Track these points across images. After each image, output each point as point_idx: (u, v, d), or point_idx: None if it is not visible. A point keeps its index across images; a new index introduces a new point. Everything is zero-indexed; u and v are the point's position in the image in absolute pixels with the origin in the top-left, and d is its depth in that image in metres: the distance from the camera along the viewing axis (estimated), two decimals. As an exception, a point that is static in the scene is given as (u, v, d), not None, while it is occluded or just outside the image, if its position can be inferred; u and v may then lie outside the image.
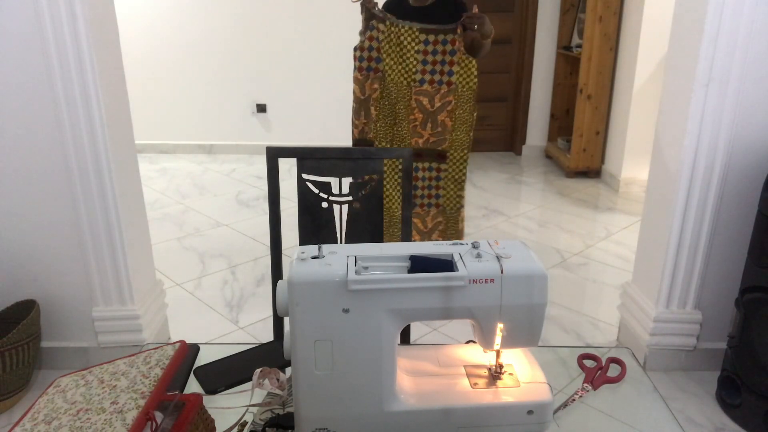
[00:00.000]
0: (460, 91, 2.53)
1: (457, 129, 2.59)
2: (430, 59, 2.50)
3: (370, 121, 2.57)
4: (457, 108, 2.55)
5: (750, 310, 1.86)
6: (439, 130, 2.57)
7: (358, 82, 2.55)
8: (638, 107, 3.99)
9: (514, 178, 4.59)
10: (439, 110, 2.55)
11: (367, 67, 2.52)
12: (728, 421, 1.94)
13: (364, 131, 2.60)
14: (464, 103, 2.55)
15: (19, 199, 2.00)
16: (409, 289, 0.83)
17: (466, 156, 2.64)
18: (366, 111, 2.57)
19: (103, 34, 1.95)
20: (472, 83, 2.53)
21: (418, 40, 2.48)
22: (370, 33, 2.49)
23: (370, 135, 2.60)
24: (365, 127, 2.59)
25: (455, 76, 2.50)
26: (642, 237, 2.29)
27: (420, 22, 2.55)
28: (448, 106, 2.55)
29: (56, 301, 2.12)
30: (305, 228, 1.51)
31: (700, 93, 1.90)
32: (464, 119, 2.58)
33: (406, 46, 2.50)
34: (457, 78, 2.51)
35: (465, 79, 2.52)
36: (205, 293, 2.76)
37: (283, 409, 0.97)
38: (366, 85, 2.54)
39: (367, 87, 2.55)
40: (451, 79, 2.51)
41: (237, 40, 4.88)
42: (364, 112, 2.57)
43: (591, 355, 1.13)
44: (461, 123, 2.58)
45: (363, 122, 2.59)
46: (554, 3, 4.81)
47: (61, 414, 0.78)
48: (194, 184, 4.39)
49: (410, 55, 2.51)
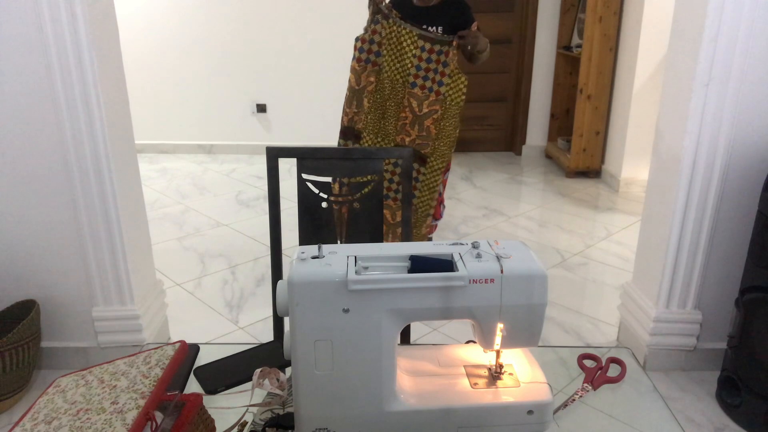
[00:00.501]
0: (448, 103, 2.57)
1: (440, 139, 2.62)
2: (424, 66, 2.53)
3: (361, 111, 2.59)
4: (442, 119, 2.58)
5: (750, 310, 1.86)
6: (424, 134, 2.60)
7: (354, 72, 2.58)
8: (638, 107, 3.99)
9: (514, 178, 4.59)
10: (426, 116, 2.59)
11: (366, 58, 2.55)
12: (728, 421, 1.94)
13: (354, 120, 2.63)
14: (450, 117, 2.59)
15: (20, 199, 2.00)
16: (409, 289, 0.83)
17: (443, 167, 2.68)
18: (358, 101, 2.59)
19: (103, 35, 1.95)
20: (459, 99, 2.57)
21: (416, 45, 2.51)
22: (373, 26, 2.52)
23: (359, 125, 2.62)
24: (355, 116, 2.62)
25: (444, 87, 2.54)
26: (642, 237, 2.29)
27: (423, 23, 2.57)
28: (434, 114, 2.58)
29: (56, 301, 2.12)
30: (305, 228, 1.51)
31: (700, 93, 1.90)
32: (448, 132, 2.62)
33: (405, 48, 2.53)
34: (446, 90, 2.54)
35: (454, 93, 2.56)
36: (205, 293, 2.76)
37: (283, 409, 0.97)
38: (362, 76, 2.57)
39: (363, 78, 2.57)
40: (440, 89, 2.54)
41: (237, 40, 4.88)
42: (356, 102, 2.60)
43: (591, 355, 1.13)
44: (445, 136, 2.61)
45: (354, 112, 2.61)
46: (554, 3, 4.81)
47: (61, 414, 0.78)
48: (194, 184, 4.39)
49: (407, 57, 2.53)
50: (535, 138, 5.15)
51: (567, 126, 4.92)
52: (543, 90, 5.01)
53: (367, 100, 2.58)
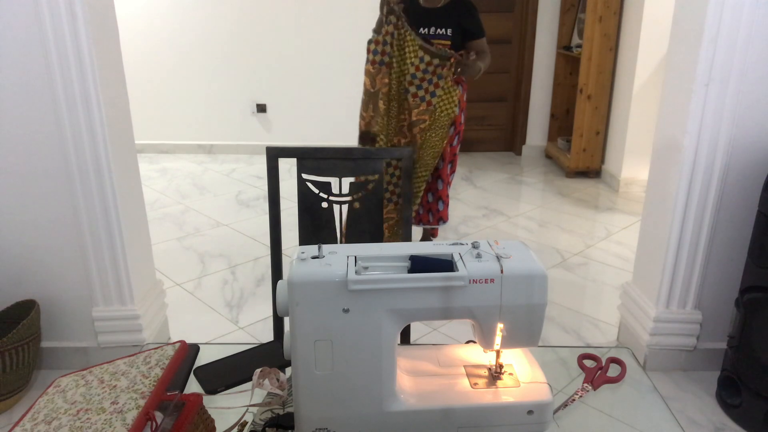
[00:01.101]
0: (437, 114, 2.57)
1: (424, 149, 2.62)
2: (419, 75, 2.54)
3: (378, 114, 2.59)
4: (429, 130, 2.58)
5: (750, 310, 1.86)
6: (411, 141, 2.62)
7: (369, 75, 2.57)
8: (638, 107, 3.99)
9: (514, 178, 4.59)
10: (414, 124, 2.60)
11: (380, 60, 2.55)
12: (728, 421, 1.94)
13: (370, 124, 2.62)
14: (438, 128, 2.59)
15: (19, 199, 2.00)
16: (409, 289, 0.83)
17: (426, 177, 2.69)
18: (374, 104, 2.58)
19: (103, 34, 1.95)
20: (451, 111, 2.57)
21: (416, 54, 2.52)
22: (386, 27, 2.52)
23: (375, 128, 2.62)
24: (372, 120, 2.61)
25: (437, 98, 2.54)
26: (642, 237, 2.29)
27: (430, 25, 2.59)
28: (422, 123, 2.58)
29: (56, 301, 2.12)
30: (305, 228, 1.51)
31: (700, 93, 1.90)
32: (433, 143, 2.61)
33: (406, 53, 2.54)
34: (438, 101, 2.55)
35: (445, 105, 2.56)
36: (205, 293, 2.76)
37: (283, 409, 0.97)
38: (377, 78, 2.56)
39: (377, 80, 2.56)
40: (432, 99, 2.55)
41: (237, 40, 4.88)
42: (372, 105, 2.59)
43: (591, 355, 1.13)
44: (429, 146, 2.61)
45: (370, 115, 2.61)
46: (554, 3, 4.81)
47: (61, 414, 0.78)
48: (194, 184, 4.39)
49: (406, 64, 2.54)
50: (535, 138, 5.15)
51: (567, 126, 4.92)
52: (543, 90, 5.01)
53: (382, 103, 2.58)
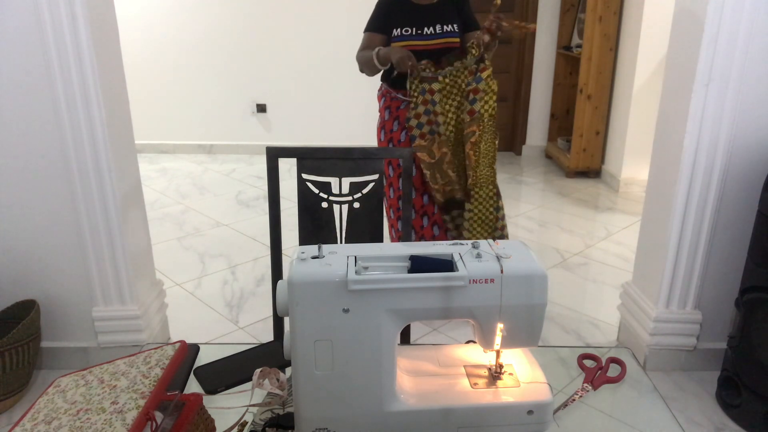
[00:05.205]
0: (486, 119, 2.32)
1: (480, 166, 2.36)
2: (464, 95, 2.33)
3: (451, 181, 2.38)
4: (480, 141, 2.33)
5: (750, 310, 1.86)
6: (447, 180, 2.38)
7: (424, 149, 2.35)
8: (638, 107, 3.99)
9: (514, 178, 4.59)
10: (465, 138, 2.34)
11: (429, 131, 2.35)
12: (728, 421, 1.94)
13: (447, 192, 2.40)
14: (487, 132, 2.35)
15: (19, 199, 2.00)
16: (409, 289, 0.83)
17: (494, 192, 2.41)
18: (441, 173, 2.37)
19: (103, 34, 1.95)
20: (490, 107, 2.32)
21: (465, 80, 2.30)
22: (422, 97, 2.32)
23: (459, 195, 2.40)
24: (445, 187, 2.39)
25: (478, 104, 2.29)
26: (642, 237, 2.29)
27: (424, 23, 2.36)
28: (471, 137, 2.30)
29: (56, 301, 2.12)
30: (305, 228, 1.51)
31: (700, 93, 1.90)
32: (485, 151, 2.37)
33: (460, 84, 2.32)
34: (480, 106, 2.30)
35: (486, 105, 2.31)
36: (205, 293, 2.76)
37: (283, 409, 0.97)
38: (434, 149, 2.35)
39: (435, 151, 2.35)
40: (473, 107, 2.29)
41: (237, 40, 4.88)
42: (440, 175, 2.37)
43: (591, 355, 1.13)
44: (483, 155, 2.36)
45: (442, 185, 2.39)
46: (554, 3, 4.81)
47: (61, 414, 0.78)
48: (194, 184, 4.39)
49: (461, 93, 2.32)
50: (535, 138, 5.15)
51: (567, 126, 4.92)
52: (543, 90, 5.02)
53: (450, 170, 2.36)
